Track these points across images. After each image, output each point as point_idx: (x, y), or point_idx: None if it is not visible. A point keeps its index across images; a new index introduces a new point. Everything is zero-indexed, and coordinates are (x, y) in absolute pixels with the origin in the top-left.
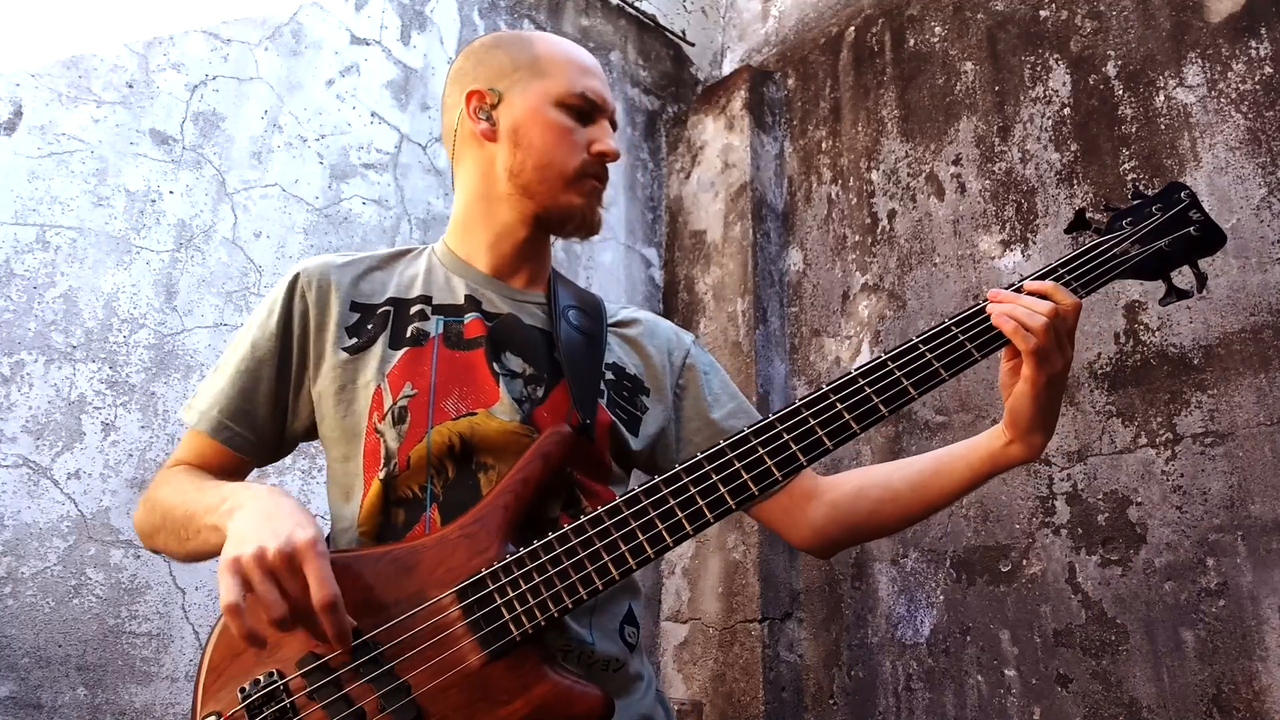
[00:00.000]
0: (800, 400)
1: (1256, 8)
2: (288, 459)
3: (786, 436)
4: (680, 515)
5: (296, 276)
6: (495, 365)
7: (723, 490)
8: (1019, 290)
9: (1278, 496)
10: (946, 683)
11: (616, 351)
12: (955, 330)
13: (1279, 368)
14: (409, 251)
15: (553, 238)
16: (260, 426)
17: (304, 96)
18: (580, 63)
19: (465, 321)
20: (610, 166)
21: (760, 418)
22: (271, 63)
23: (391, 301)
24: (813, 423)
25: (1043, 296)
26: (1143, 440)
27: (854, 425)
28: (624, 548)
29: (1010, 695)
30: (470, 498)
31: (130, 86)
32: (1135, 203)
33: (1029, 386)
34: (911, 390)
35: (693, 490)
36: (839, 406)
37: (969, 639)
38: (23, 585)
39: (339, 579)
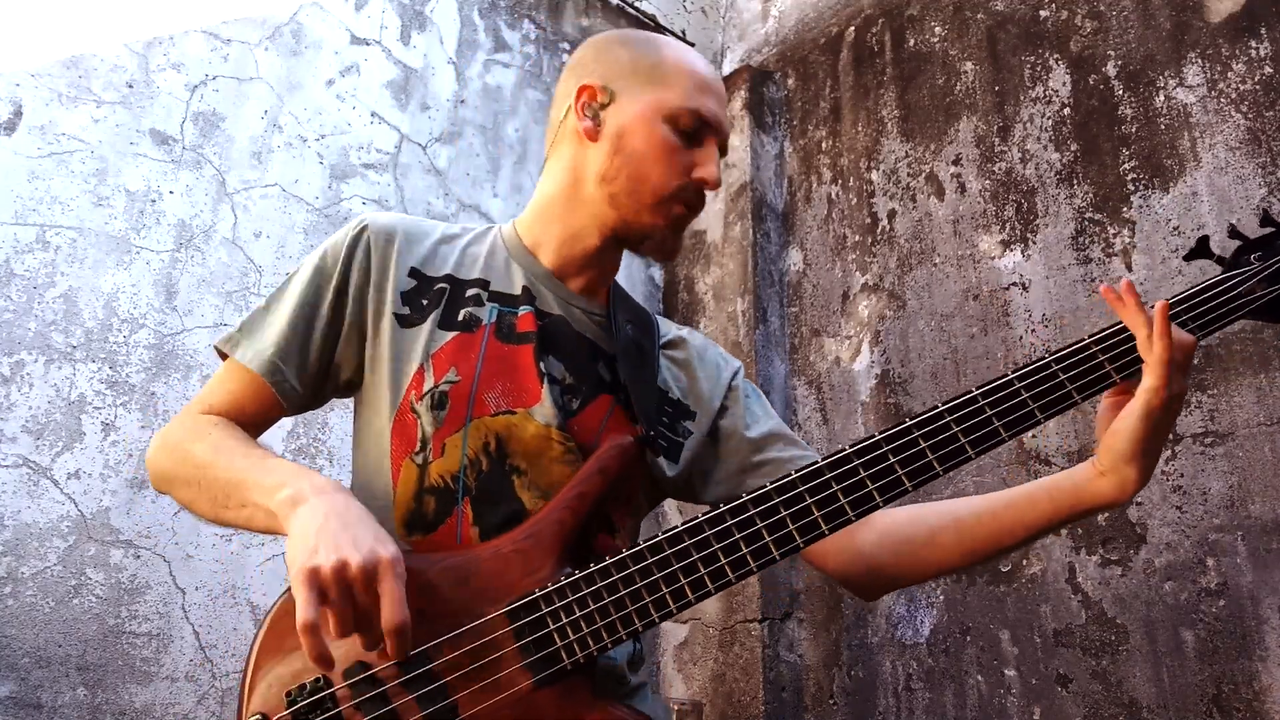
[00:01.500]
0: (877, 436)
1: (1256, 8)
2: (288, 457)
3: (864, 473)
4: (745, 550)
5: (364, 229)
6: (541, 365)
7: (791, 527)
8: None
9: (1278, 496)
10: (946, 683)
11: (664, 374)
12: (1097, 347)
13: (1279, 368)
14: (474, 229)
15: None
16: (308, 373)
17: (304, 96)
18: (702, 78)
19: (519, 314)
20: None
21: (797, 440)
22: (271, 63)
23: (449, 279)
24: (893, 460)
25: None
26: None
27: (934, 465)
28: (683, 580)
29: (1010, 695)
30: (504, 494)
31: (130, 86)
32: (1265, 232)
33: (1142, 405)
34: (1002, 432)
35: (760, 524)
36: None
37: (969, 639)
38: (23, 585)
39: None
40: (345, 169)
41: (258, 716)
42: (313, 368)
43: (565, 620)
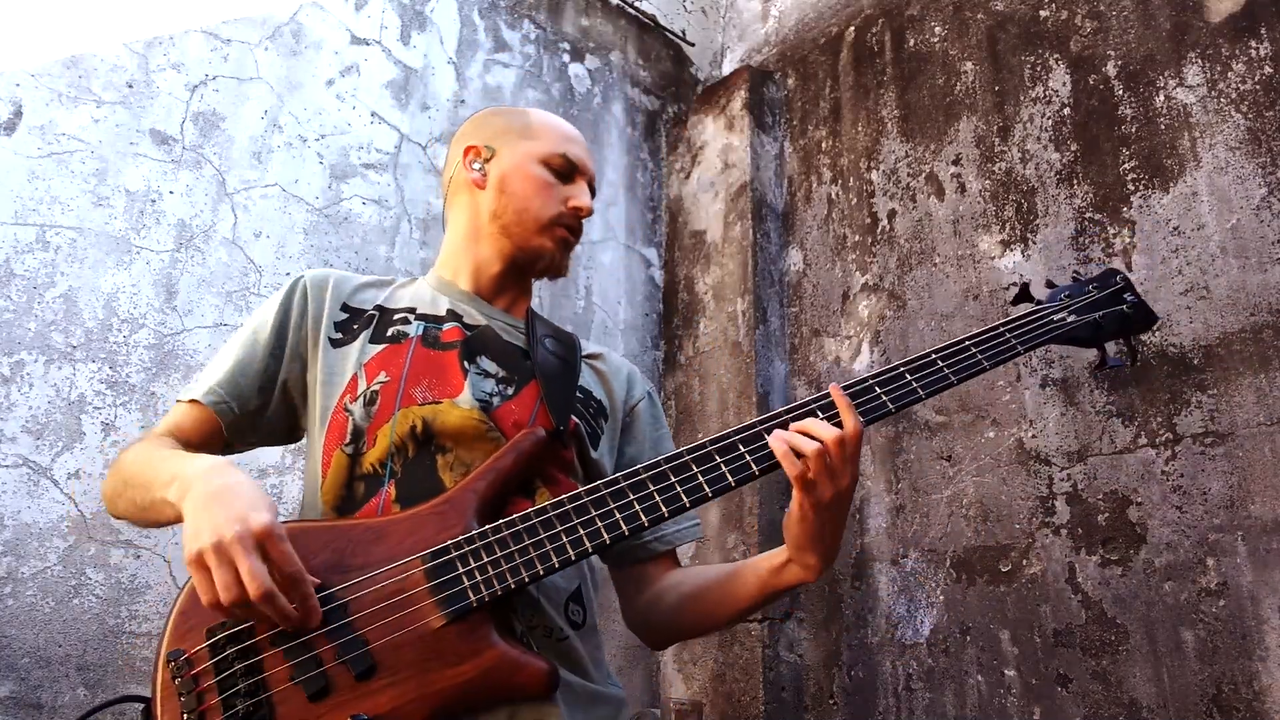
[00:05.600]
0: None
1: (1256, 8)
2: (288, 459)
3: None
4: (638, 508)
5: (300, 279)
6: (466, 364)
7: (678, 490)
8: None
9: (1278, 496)
10: (946, 683)
11: (587, 378)
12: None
13: (1279, 368)
14: (403, 279)
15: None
16: (246, 400)
17: (304, 96)
18: (565, 132)
19: (444, 328)
20: (610, 166)
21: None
22: (271, 63)
23: (379, 308)
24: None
25: (832, 417)
26: (1143, 440)
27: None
28: (583, 532)
29: (1010, 695)
30: (426, 476)
31: (130, 86)
32: (1074, 283)
33: (796, 509)
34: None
35: (652, 487)
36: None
37: (969, 639)
38: (23, 585)
39: (313, 542)
40: (345, 169)
41: (176, 651)
42: (250, 395)
43: (474, 564)
